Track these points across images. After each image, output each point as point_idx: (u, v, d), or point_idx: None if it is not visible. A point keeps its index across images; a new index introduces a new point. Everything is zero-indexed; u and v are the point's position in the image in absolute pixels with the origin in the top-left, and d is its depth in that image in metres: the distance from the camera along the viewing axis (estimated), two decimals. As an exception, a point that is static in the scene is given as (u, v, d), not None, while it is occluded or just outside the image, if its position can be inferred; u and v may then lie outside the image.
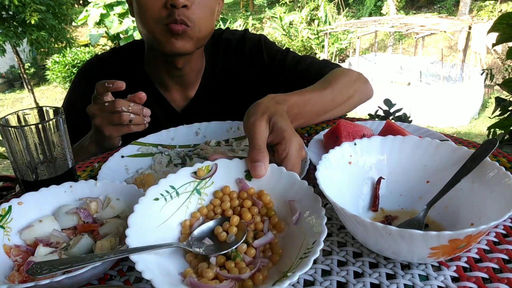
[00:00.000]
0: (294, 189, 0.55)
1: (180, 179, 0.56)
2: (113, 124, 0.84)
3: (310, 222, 0.49)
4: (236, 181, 0.58)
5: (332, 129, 0.80)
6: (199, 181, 0.57)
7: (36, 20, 6.57)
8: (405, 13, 12.58)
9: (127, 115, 0.82)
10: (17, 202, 0.58)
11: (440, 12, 12.69)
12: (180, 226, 0.54)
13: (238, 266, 0.48)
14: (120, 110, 0.82)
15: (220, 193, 0.57)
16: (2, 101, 9.44)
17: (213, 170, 0.58)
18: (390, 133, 0.73)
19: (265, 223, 0.54)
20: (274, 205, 0.56)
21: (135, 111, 0.83)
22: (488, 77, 4.13)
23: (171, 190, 0.55)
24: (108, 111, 0.83)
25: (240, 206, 0.56)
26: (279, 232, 0.53)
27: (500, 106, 1.85)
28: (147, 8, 0.90)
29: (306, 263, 0.41)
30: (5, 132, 0.61)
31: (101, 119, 0.84)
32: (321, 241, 0.44)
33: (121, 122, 0.82)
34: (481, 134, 6.81)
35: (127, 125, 0.84)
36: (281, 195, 0.56)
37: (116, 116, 0.82)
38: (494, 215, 0.46)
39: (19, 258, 0.53)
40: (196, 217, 0.55)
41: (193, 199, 0.56)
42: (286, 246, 0.51)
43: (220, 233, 0.51)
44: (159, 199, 0.53)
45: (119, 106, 0.82)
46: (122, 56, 1.12)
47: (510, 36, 1.59)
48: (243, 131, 0.92)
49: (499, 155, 0.77)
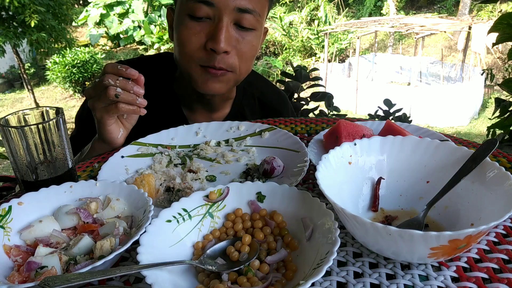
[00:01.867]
0: (306, 206, 0.55)
1: (193, 202, 0.57)
2: (103, 103, 0.78)
3: (323, 236, 0.49)
4: (248, 203, 0.58)
5: (332, 129, 0.80)
6: (211, 204, 0.58)
7: (36, 22, 6.57)
8: (405, 13, 12.59)
9: (113, 89, 0.75)
10: (17, 202, 0.58)
11: (440, 12, 12.69)
12: (192, 248, 0.54)
13: (251, 280, 0.47)
14: (107, 83, 0.76)
15: (232, 215, 0.57)
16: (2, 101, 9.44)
17: (224, 193, 0.58)
18: (390, 133, 0.73)
19: (278, 242, 0.54)
20: (287, 225, 0.56)
21: (122, 85, 0.76)
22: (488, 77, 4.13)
23: (183, 212, 0.56)
24: (98, 89, 0.78)
25: (253, 227, 0.56)
26: (293, 250, 0.53)
27: (500, 107, 1.84)
28: (187, 46, 0.87)
29: (319, 271, 0.41)
30: (5, 132, 0.61)
31: (93, 100, 0.81)
32: (335, 251, 0.44)
33: (107, 97, 0.76)
34: (481, 134, 6.81)
35: (116, 103, 0.77)
36: (293, 213, 0.56)
37: (104, 92, 0.77)
38: (494, 215, 0.46)
39: (19, 258, 0.53)
40: (208, 239, 0.55)
41: (206, 222, 0.57)
42: (300, 262, 0.50)
43: (232, 252, 0.51)
44: (171, 221, 0.54)
45: (105, 79, 0.76)
46: (150, 68, 1.06)
47: (510, 36, 1.59)
48: (242, 131, 0.93)
49: (499, 155, 0.77)
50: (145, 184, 0.69)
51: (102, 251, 0.51)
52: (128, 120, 0.86)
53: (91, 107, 0.81)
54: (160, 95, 1.03)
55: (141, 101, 0.78)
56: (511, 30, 1.57)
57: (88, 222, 0.59)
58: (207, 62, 0.87)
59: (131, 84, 0.77)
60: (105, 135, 0.84)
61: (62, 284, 0.42)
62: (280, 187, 0.58)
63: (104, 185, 0.63)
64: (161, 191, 0.71)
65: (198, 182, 0.74)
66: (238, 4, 0.84)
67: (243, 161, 0.82)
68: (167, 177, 0.75)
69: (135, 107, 0.78)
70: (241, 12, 0.85)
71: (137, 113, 0.80)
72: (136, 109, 0.79)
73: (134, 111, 0.79)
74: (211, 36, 0.85)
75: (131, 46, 12.20)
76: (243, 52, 0.89)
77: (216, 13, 0.84)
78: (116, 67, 0.78)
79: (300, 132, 0.96)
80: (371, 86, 8.06)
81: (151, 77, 1.03)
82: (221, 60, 0.86)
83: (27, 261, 0.50)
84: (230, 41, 0.86)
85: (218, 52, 0.85)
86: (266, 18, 0.97)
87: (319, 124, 0.99)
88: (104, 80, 0.76)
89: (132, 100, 0.77)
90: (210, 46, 0.84)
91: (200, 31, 0.86)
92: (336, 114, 2.06)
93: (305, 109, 2.01)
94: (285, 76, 2.07)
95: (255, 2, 0.87)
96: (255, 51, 0.94)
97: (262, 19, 0.92)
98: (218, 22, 0.84)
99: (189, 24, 0.86)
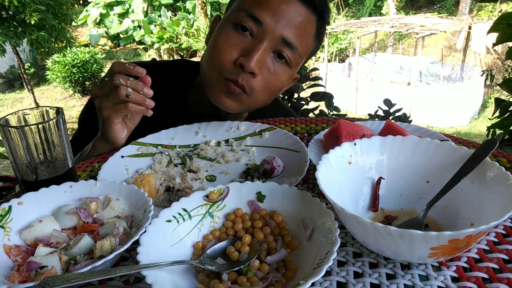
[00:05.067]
0: (306, 206, 0.55)
1: (192, 202, 0.57)
2: (112, 102, 0.78)
3: (323, 236, 0.49)
4: (248, 203, 0.58)
5: (332, 129, 0.80)
6: (211, 204, 0.58)
7: (36, 20, 6.56)
8: (405, 13, 12.59)
9: (124, 88, 0.76)
10: (17, 202, 0.58)
11: (440, 12, 12.69)
12: (192, 248, 0.54)
13: (251, 280, 0.47)
14: (117, 83, 0.76)
15: (232, 215, 0.57)
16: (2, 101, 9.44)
17: (224, 193, 0.58)
18: (390, 133, 0.73)
19: (278, 242, 0.54)
20: (287, 224, 0.56)
21: (133, 86, 0.76)
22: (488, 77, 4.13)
23: (183, 212, 0.56)
24: (107, 88, 0.78)
25: (253, 227, 0.56)
26: (293, 250, 0.53)
27: (500, 107, 1.84)
28: (220, 53, 0.85)
29: (319, 271, 0.41)
30: (5, 132, 0.61)
31: (100, 99, 0.80)
32: (335, 251, 0.44)
33: (118, 97, 0.76)
34: (481, 134, 6.81)
35: (125, 103, 0.77)
36: (293, 213, 0.56)
37: (113, 91, 0.77)
38: (494, 215, 0.46)
39: (19, 258, 0.53)
40: (208, 239, 0.55)
41: (206, 221, 0.57)
42: (300, 262, 0.50)
43: (232, 252, 0.51)
44: (171, 221, 0.54)
45: (116, 79, 0.76)
46: (163, 74, 1.05)
47: (510, 36, 1.59)
48: (242, 131, 0.93)
49: (499, 155, 0.77)
50: (145, 184, 0.69)
51: (102, 251, 0.51)
52: (131, 121, 0.86)
53: (97, 106, 0.81)
54: (171, 103, 1.01)
55: (149, 102, 0.79)
56: (511, 30, 1.57)
57: (88, 222, 0.59)
58: (231, 75, 0.85)
59: (141, 85, 0.78)
60: (109, 134, 0.84)
61: (62, 284, 0.42)
62: (280, 187, 0.58)
63: (104, 185, 0.63)
64: (161, 191, 0.71)
65: (198, 182, 0.74)
66: (284, 35, 0.83)
67: (243, 161, 0.82)
68: (167, 177, 0.75)
69: (143, 107, 0.79)
70: (284, 44, 0.84)
71: (144, 114, 0.80)
72: (144, 109, 0.79)
73: (142, 111, 0.79)
74: (245, 53, 0.83)
75: (131, 46, 12.21)
76: (268, 81, 0.87)
77: (260, 33, 0.83)
78: (124, 65, 0.79)
79: (300, 132, 0.96)
80: (371, 86, 8.06)
81: (164, 84, 1.02)
82: (245, 79, 0.85)
83: (27, 261, 0.50)
84: (261, 65, 0.84)
85: (246, 70, 0.83)
86: (302, 64, 0.95)
87: (319, 124, 0.99)
88: (115, 80, 0.76)
89: (141, 100, 0.78)
90: (241, 61, 0.83)
91: (237, 43, 0.84)
92: (336, 114, 2.06)
93: (305, 109, 2.01)
94: (285, 76, 2.06)
95: (301, 41, 0.86)
96: (280, 87, 0.92)
97: (300, 60, 0.90)
98: (258, 43, 0.83)
99: (230, 32, 0.85)
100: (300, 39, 0.85)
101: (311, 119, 1.04)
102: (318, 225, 0.51)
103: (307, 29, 0.87)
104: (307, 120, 1.03)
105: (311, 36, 0.89)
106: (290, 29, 0.83)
